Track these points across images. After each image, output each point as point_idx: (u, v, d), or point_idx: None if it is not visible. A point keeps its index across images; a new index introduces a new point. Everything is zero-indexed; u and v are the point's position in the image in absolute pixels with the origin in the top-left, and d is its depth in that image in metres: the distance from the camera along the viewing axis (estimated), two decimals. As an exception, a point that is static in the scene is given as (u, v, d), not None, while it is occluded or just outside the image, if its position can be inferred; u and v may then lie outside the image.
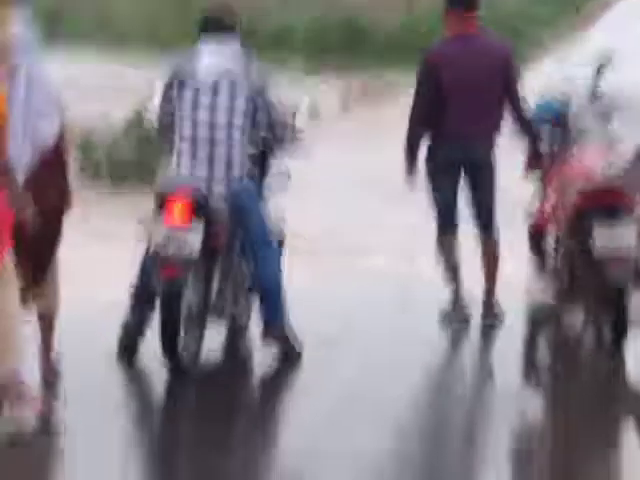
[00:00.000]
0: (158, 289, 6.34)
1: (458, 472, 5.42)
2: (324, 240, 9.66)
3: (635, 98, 10.06)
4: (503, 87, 7.69)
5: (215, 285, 6.74)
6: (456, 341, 7.58)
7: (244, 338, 7.25)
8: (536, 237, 8.16)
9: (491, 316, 7.70)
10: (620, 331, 7.12)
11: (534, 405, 6.47)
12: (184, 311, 6.40)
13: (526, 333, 7.70)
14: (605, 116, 9.50)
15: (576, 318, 7.84)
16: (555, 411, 6.45)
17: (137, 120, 12.89)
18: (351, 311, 7.79)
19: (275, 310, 6.77)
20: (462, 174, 7.71)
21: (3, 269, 5.57)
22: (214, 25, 6.74)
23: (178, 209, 6.29)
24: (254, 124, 6.69)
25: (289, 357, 6.80)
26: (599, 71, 8.47)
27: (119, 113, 12.87)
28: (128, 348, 6.64)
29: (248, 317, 7.16)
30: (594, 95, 8.31)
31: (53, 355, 6.38)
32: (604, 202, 7.17)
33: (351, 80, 28.76)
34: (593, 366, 7.30)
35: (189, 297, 6.46)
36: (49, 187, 6.05)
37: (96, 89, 21.78)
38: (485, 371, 6.90)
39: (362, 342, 7.22)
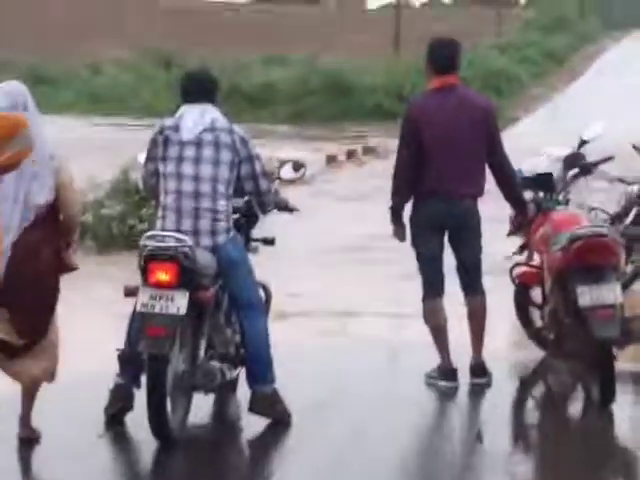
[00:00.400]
0: (144, 350, 6.20)
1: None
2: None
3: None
4: (485, 142, 7.62)
5: (203, 346, 6.58)
6: (445, 403, 7.48)
7: (233, 400, 7.15)
8: (521, 294, 8.20)
9: (479, 376, 7.64)
10: (608, 388, 7.10)
11: (523, 468, 6.39)
12: (171, 377, 6.26)
13: (514, 393, 7.63)
14: (582, 183, 9.64)
15: (564, 375, 7.87)
16: (544, 473, 6.39)
17: (124, 180, 13.10)
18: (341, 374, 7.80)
19: (263, 373, 6.72)
20: (446, 233, 7.67)
21: None
22: (195, 88, 6.79)
23: (164, 267, 6.20)
24: (239, 177, 6.71)
25: (278, 421, 6.72)
26: (582, 145, 8.66)
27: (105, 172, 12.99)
28: (116, 415, 6.57)
29: (236, 379, 7.03)
30: (573, 163, 8.49)
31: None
32: (588, 261, 7.17)
33: (335, 138, 29.04)
34: (582, 425, 7.28)
35: (175, 363, 6.33)
36: (42, 248, 6.08)
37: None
38: (474, 433, 6.80)
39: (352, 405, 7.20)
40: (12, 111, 6.12)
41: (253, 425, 6.81)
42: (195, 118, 6.64)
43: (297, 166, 7.80)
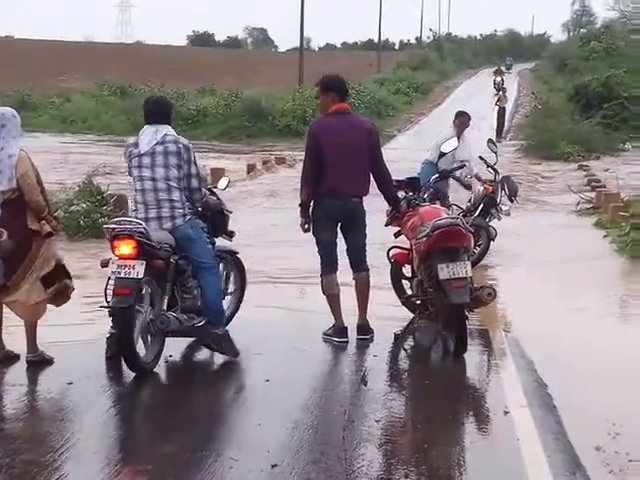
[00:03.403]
0: (114, 305, 6.37)
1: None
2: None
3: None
4: (369, 154, 7.58)
5: (165, 301, 6.78)
6: (338, 355, 7.45)
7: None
8: (396, 270, 8.25)
9: (364, 334, 7.67)
10: (461, 342, 7.21)
11: (397, 403, 6.39)
12: (139, 324, 6.50)
13: (390, 346, 7.65)
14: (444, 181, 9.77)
15: (428, 332, 7.93)
16: (413, 405, 6.43)
17: (89, 183, 12.99)
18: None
19: (217, 319, 6.98)
20: (339, 223, 7.65)
21: None
22: (153, 111, 6.94)
23: (125, 243, 6.43)
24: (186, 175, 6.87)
25: (228, 356, 7.01)
26: (441, 156, 8.95)
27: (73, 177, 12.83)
28: (112, 357, 6.74)
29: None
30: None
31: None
32: (446, 244, 7.25)
33: (254, 152, 28.94)
34: (441, 369, 7.33)
35: (144, 314, 6.56)
36: (11, 220, 6.43)
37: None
38: (359, 377, 6.80)
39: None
40: None
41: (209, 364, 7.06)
42: (150, 135, 6.81)
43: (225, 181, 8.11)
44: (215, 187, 7.80)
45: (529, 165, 24.96)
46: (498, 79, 44.58)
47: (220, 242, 7.58)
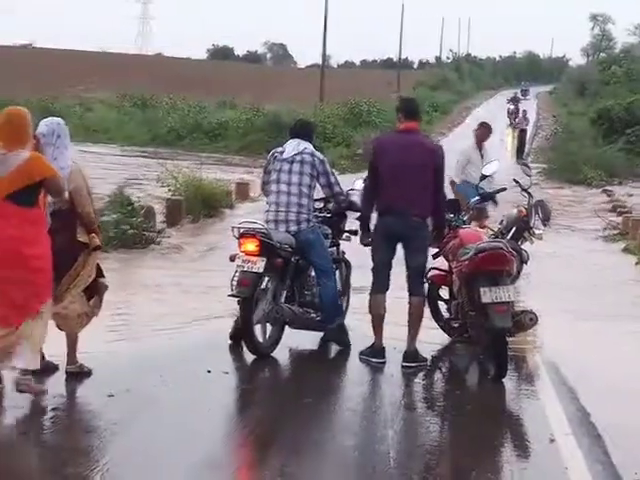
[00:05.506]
0: (237, 294, 7.25)
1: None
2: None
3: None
4: (431, 174, 7.46)
5: (283, 294, 7.61)
6: (376, 375, 7.37)
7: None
8: (433, 291, 8.19)
9: (410, 361, 7.47)
10: (502, 366, 7.11)
11: (434, 420, 6.39)
12: (260, 313, 7.36)
13: (427, 368, 7.57)
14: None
15: (465, 356, 7.87)
16: (455, 426, 6.36)
17: (119, 194, 12.98)
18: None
19: (331, 315, 7.80)
20: (398, 241, 7.53)
21: None
22: (297, 129, 7.98)
23: (250, 241, 7.34)
24: (321, 186, 7.83)
25: (341, 344, 7.92)
26: (483, 178, 8.87)
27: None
28: (235, 336, 7.59)
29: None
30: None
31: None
32: (489, 268, 7.18)
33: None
34: (477, 392, 7.28)
35: (264, 304, 7.40)
36: (62, 231, 6.35)
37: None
38: (398, 398, 6.75)
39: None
40: (49, 137, 6.37)
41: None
42: (294, 146, 7.78)
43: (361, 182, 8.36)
44: (352, 189, 8.35)
45: (551, 189, 24.90)
46: (512, 107, 44.33)
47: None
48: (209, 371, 6.90)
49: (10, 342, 5.98)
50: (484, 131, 12.05)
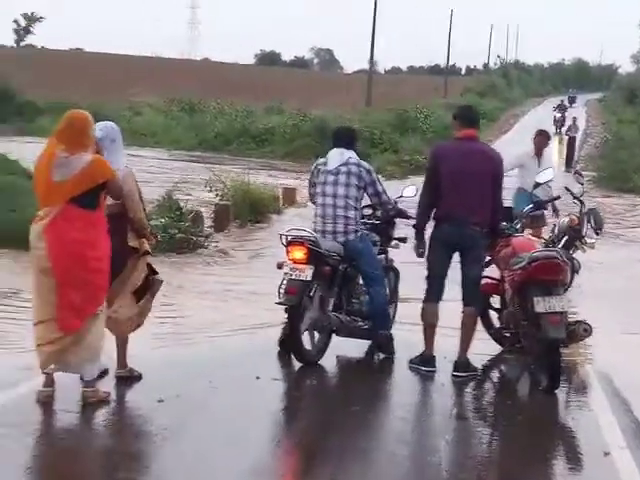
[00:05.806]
0: (283, 302, 7.22)
1: None
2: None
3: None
4: (490, 182, 7.39)
5: (330, 303, 7.58)
6: (426, 384, 7.32)
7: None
8: (484, 299, 8.09)
9: (460, 371, 7.37)
10: (555, 378, 6.98)
11: (486, 431, 6.32)
12: (307, 321, 7.33)
13: (478, 378, 7.47)
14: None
15: (516, 366, 7.76)
16: (507, 438, 6.24)
17: (168, 199, 13.00)
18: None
19: (381, 323, 7.71)
20: (455, 250, 7.44)
21: None
22: (340, 137, 7.82)
23: (298, 249, 7.29)
24: (368, 195, 7.74)
25: (387, 353, 7.80)
26: (536, 186, 8.79)
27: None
28: (283, 341, 7.52)
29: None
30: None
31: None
32: (543, 277, 7.08)
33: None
34: (528, 402, 7.18)
35: (312, 312, 7.38)
36: (114, 235, 6.28)
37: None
38: (449, 408, 6.68)
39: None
40: (104, 141, 6.43)
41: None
42: (337, 157, 7.66)
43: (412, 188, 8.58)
44: (400, 196, 8.39)
45: (600, 197, 24.59)
46: (559, 115, 43.63)
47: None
48: (258, 377, 6.88)
49: (65, 345, 6.00)
50: (542, 139, 11.99)
